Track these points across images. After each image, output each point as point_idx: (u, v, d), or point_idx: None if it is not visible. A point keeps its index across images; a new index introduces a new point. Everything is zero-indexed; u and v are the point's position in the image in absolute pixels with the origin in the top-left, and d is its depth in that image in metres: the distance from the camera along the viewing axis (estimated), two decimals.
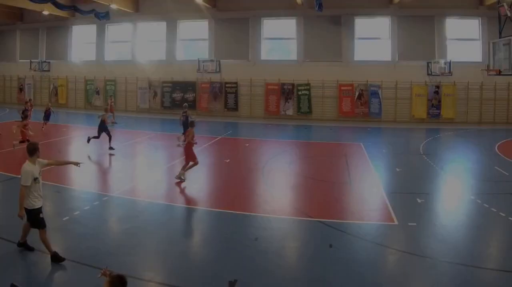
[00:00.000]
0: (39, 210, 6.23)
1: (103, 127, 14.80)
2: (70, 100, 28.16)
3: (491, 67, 20.48)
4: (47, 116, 19.12)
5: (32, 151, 6.27)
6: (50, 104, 20.66)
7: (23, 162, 6.35)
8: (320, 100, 25.33)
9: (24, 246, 6.56)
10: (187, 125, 17.77)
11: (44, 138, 16.23)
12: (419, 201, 9.72)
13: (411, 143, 18.83)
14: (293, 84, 25.36)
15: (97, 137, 14.88)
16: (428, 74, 24.74)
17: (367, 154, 15.30)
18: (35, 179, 6.15)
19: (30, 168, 6.15)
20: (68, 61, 28.68)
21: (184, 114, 16.75)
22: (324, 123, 23.99)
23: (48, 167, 6.93)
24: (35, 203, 6.18)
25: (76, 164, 7.04)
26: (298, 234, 8.06)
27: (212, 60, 25.57)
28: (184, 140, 11.98)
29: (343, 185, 11.31)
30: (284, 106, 25.57)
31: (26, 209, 6.19)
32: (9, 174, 11.01)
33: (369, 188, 11.13)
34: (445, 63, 24.26)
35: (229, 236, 7.60)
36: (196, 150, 15.44)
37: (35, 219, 6.20)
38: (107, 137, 14.76)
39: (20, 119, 15.72)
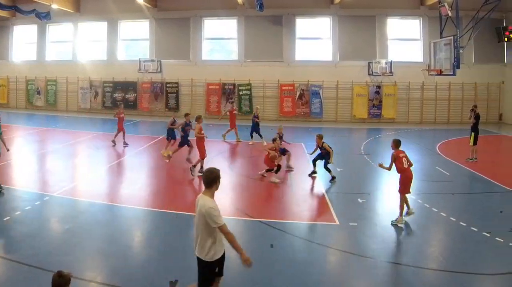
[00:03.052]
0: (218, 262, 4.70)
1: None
2: (11, 100, 27.71)
3: (432, 67, 20.39)
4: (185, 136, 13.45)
5: (213, 180, 4.59)
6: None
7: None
8: (261, 100, 25.05)
9: None
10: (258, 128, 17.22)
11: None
12: (360, 201, 9.70)
13: (352, 143, 18.64)
14: (234, 84, 25.12)
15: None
16: (369, 74, 24.67)
17: (308, 153, 15.02)
18: None
19: (214, 203, 4.54)
20: (9, 61, 28.22)
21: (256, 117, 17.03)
22: (265, 123, 23.49)
23: None
24: (220, 251, 4.66)
25: None
26: (239, 234, 7.85)
27: (153, 60, 25.30)
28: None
29: (284, 184, 11.21)
30: (225, 106, 25.28)
31: (200, 259, 4.57)
32: None
33: (310, 188, 11.04)
34: (386, 63, 24.18)
35: (170, 236, 7.58)
36: (136, 150, 15.64)
37: (206, 272, 4.63)
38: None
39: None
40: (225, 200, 9.93)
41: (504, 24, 24.03)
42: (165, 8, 25.44)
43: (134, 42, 26.75)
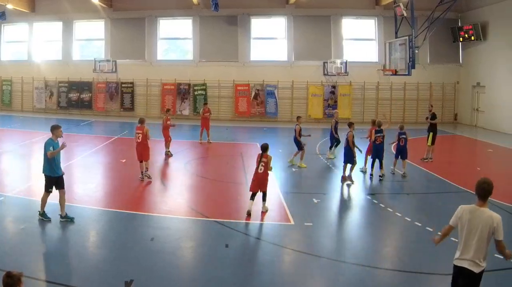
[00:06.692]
0: None
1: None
2: None
3: (387, 67, 20.40)
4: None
5: (490, 192, 4.43)
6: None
7: None
8: (216, 100, 24.88)
9: None
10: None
11: None
12: (315, 201, 9.71)
13: (308, 143, 18.37)
14: (189, 84, 24.98)
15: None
16: (324, 74, 24.59)
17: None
18: None
19: None
20: None
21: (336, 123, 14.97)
22: (220, 123, 23.46)
23: None
24: None
25: None
26: (195, 234, 8.00)
27: (108, 60, 25.08)
28: None
29: (239, 185, 11.13)
30: (180, 106, 25.15)
31: (474, 274, 4.40)
32: None
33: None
34: (341, 63, 24.17)
35: (125, 236, 7.61)
36: (92, 150, 15.51)
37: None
38: None
39: None
40: (181, 200, 9.96)
41: (459, 24, 24.09)
42: (120, 8, 25.26)
43: (89, 42, 26.56)
